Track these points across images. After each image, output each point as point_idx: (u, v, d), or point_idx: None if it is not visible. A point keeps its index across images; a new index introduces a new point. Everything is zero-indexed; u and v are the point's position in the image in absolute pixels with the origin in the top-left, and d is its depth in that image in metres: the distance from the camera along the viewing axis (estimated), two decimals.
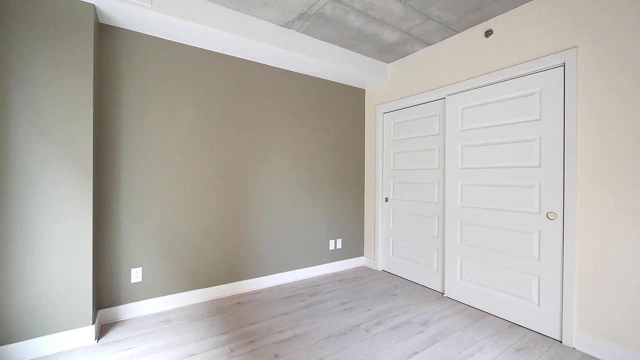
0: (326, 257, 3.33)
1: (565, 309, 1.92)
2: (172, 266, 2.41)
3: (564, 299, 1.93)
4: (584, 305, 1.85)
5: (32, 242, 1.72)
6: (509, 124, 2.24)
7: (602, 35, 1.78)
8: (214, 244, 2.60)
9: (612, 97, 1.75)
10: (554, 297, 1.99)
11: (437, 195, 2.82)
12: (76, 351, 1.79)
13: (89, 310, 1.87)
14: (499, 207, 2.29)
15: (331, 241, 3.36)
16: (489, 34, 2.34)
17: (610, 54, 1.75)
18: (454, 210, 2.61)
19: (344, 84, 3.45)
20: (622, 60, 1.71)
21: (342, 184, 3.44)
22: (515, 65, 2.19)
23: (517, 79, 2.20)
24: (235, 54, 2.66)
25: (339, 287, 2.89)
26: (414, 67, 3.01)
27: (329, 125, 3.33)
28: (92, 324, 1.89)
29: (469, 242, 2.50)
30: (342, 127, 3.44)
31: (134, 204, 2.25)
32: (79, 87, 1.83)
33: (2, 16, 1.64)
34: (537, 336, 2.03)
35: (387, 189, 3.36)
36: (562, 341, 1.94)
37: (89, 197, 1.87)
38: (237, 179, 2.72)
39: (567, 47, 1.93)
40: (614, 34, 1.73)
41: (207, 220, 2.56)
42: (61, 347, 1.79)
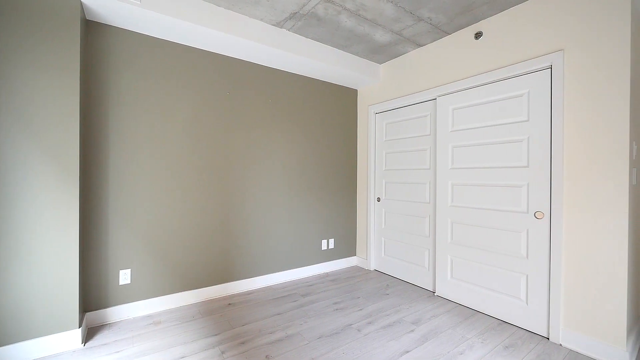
0: (319, 257, 3.33)
1: (552, 307, 1.96)
2: (162, 267, 2.37)
3: (550, 297, 1.97)
4: (569, 302, 1.89)
5: (16, 243, 1.67)
6: (498, 125, 2.28)
7: (587, 38, 1.82)
8: (205, 245, 2.58)
9: (596, 99, 1.79)
10: (542, 295, 2.03)
11: (428, 195, 2.85)
12: (62, 355, 1.75)
13: (75, 313, 1.83)
14: (489, 207, 2.33)
15: (324, 241, 3.36)
16: (478, 35, 2.38)
17: (594, 57, 1.80)
18: (444, 209, 2.64)
19: (336, 84, 3.45)
20: (606, 63, 1.75)
21: (334, 183, 3.45)
22: (504, 67, 2.22)
23: (506, 80, 2.23)
24: (226, 53, 2.63)
25: (331, 287, 2.89)
26: (405, 68, 3.04)
27: (321, 125, 3.33)
28: (79, 327, 1.85)
29: (460, 242, 2.53)
30: (334, 127, 3.45)
31: (123, 205, 2.21)
32: (65, 86, 1.79)
33: None
34: (525, 333, 2.06)
35: (379, 188, 3.38)
36: (549, 338, 1.98)
37: (76, 197, 1.82)
38: (228, 179, 2.69)
39: (554, 49, 1.97)
40: (598, 38, 1.78)
41: (198, 220, 2.54)
42: (46, 351, 1.75)
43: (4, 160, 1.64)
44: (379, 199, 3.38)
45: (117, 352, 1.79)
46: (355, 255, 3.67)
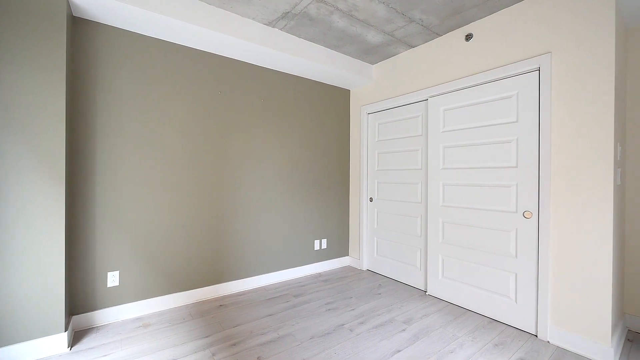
0: (311, 257, 3.32)
1: (540, 305, 1.99)
2: (151, 269, 2.33)
3: (539, 295, 2.00)
4: (557, 300, 1.93)
5: None
6: (488, 126, 2.31)
7: (574, 41, 1.86)
8: (195, 246, 2.54)
9: (582, 101, 1.83)
10: (530, 293, 2.07)
11: (420, 195, 2.87)
12: None
13: (62, 316, 1.78)
14: (479, 207, 2.36)
15: (316, 241, 3.36)
16: (469, 37, 2.41)
17: (580, 60, 1.83)
18: (436, 209, 2.67)
19: (329, 85, 3.45)
20: (591, 65, 1.79)
21: (327, 184, 3.45)
22: (493, 68, 2.25)
23: (495, 82, 2.27)
24: (218, 52, 2.61)
25: (323, 287, 2.89)
26: (397, 69, 3.06)
27: (314, 125, 3.32)
28: (65, 331, 1.80)
29: (451, 241, 2.56)
30: (327, 127, 3.45)
31: (111, 205, 2.16)
32: (50, 83, 1.74)
33: None
34: (514, 331, 2.09)
35: (372, 189, 3.39)
36: (537, 335, 2.01)
37: (62, 197, 1.78)
38: (219, 179, 2.67)
39: (542, 52, 2.00)
40: (584, 41, 1.82)
41: (190, 221, 2.50)
42: (30, 356, 1.70)
43: None
44: (371, 199, 3.40)
45: (105, 355, 1.76)
46: (348, 255, 3.68)
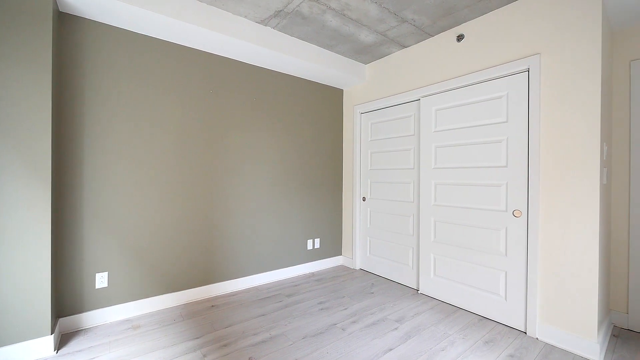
0: (304, 257, 3.31)
1: (529, 302, 2.02)
2: (141, 270, 2.29)
3: (528, 293, 2.03)
4: (545, 297, 1.96)
5: None
6: (479, 126, 2.33)
7: (561, 43, 1.89)
8: (187, 246, 2.51)
9: (569, 102, 1.86)
10: (519, 290, 2.10)
11: (413, 194, 2.89)
12: None
13: (47, 319, 1.74)
14: (470, 206, 2.38)
15: (309, 241, 3.35)
16: (460, 38, 2.43)
17: (568, 61, 1.87)
18: (428, 208, 2.69)
19: (322, 84, 3.45)
20: (578, 67, 1.82)
21: (320, 183, 3.44)
22: (484, 69, 2.28)
23: (486, 82, 2.29)
24: (210, 50, 2.58)
25: (316, 287, 2.88)
26: (390, 69, 3.07)
27: (307, 124, 3.31)
28: (51, 333, 1.76)
29: (442, 240, 2.58)
30: (320, 127, 3.44)
31: (100, 205, 2.12)
32: (36, 79, 1.69)
33: None
34: (504, 328, 2.12)
35: (365, 188, 3.40)
36: (526, 332, 2.04)
37: (47, 196, 1.74)
38: (211, 178, 2.64)
39: (531, 53, 2.03)
40: (571, 43, 1.85)
41: (180, 221, 2.47)
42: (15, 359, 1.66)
43: None
44: (364, 199, 3.41)
45: (92, 358, 1.72)
46: (341, 254, 3.68)
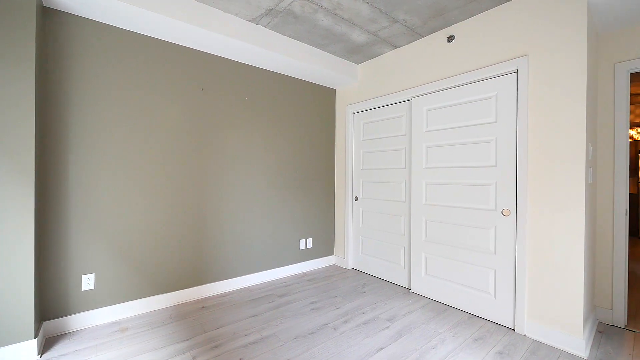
0: (296, 256, 3.30)
1: (517, 300, 2.06)
2: (129, 271, 2.25)
3: (516, 290, 2.07)
4: (533, 295, 2.00)
5: None
6: (469, 126, 2.36)
7: (549, 45, 1.93)
8: (177, 247, 2.47)
9: (556, 103, 1.90)
10: (508, 288, 2.13)
11: (404, 194, 2.90)
12: None
13: (31, 322, 1.69)
14: (460, 205, 2.41)
15: (301, 241, 3.34)
16: (451, 39, 2.45)
17: (555, 63, 1.90)
18: (419, 208, 2.71)
19: (314, 83, 3.44)
20: (565, 68, 1.86)
21: (312, 183, 3.44)
22: (474, 70, 2.31)
23: (476, 83, 2.32)
24: (200, 48, 2.54)
25: (308, 287, 2.88)
26: (382, 69, 3.08)
27: (299, 124, 3.30)
28: (34, 337, 1.71)
29: (433, 239, 2.60)
30: (312, 127, 3.43)
31: (86, 204, 2.07)
32: (18, 77, 1.64)
33: None
34: (493, 326, 2.15)
35: (357, 188, 3.41)
36: (515, 329, 2.08)
37: (31, 196, 1.69)
38: (201, 177, 2.61)
39: (520, 54, 2.06)
40: (558, 45, 1.89)
41: (169, 221, 2.43)
42: None
43: None
44: (356, 198, 3.41)
45: None
46: (333, 254, 3.68)
